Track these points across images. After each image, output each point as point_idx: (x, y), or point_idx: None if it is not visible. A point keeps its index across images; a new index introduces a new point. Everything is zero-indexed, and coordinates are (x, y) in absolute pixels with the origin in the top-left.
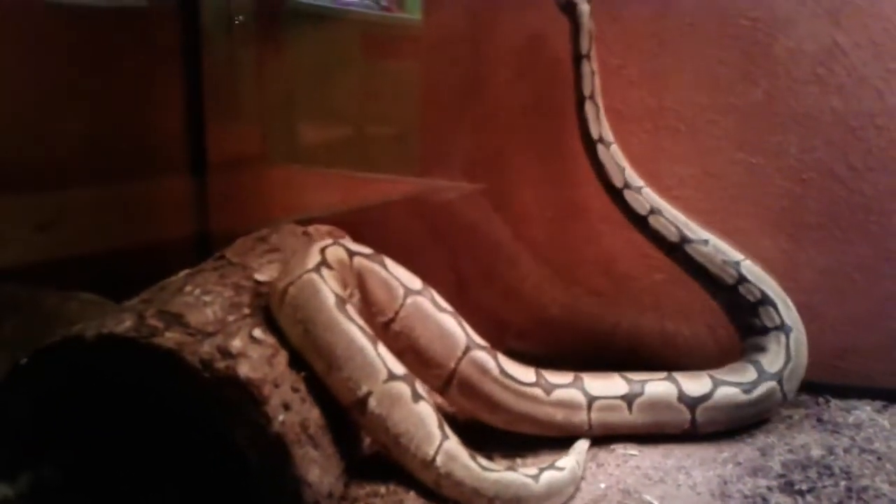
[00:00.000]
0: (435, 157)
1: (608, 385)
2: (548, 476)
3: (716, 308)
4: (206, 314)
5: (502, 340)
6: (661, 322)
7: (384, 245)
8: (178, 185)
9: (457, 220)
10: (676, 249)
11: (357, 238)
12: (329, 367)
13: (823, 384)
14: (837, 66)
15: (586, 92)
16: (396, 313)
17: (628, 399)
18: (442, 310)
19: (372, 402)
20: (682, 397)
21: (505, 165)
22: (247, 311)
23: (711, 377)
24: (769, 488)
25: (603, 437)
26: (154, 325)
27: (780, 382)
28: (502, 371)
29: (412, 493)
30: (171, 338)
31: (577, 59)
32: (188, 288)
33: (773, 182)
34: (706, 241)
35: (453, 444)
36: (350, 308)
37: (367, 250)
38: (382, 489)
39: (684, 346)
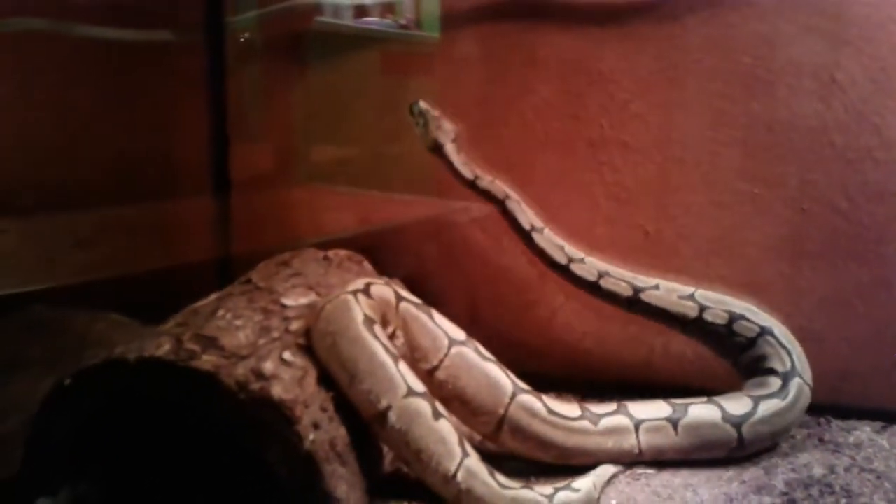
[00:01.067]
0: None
1: (652, 409)
2: (562, 496)
3: None
4: (239, 338)
5: (517, 362)
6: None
7: (399, 266)
8: (200, 206)
9: (471, 241)
10: (634, 302)
11: (373, 259)
12: (351, 379)
13: (825, 405)
14: (836, 102)
15: (501, 196)
16: (441, 362)
17: (673, 421)
18: (486, 359)
19: (392, 417)
20: (726, 417)
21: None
22: (276, 334)
23: (749, 396)
24: None
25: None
26: (192, 349)
27: (800, 375)
28: (550, 410)
29: None
30: (208, 361)
31: (471, 185)
32: (220, 312)
33: (774, 211)
34: (657, 286)
35: (474, 461)
36: (378, 329)
37: (416, 299)
38: None
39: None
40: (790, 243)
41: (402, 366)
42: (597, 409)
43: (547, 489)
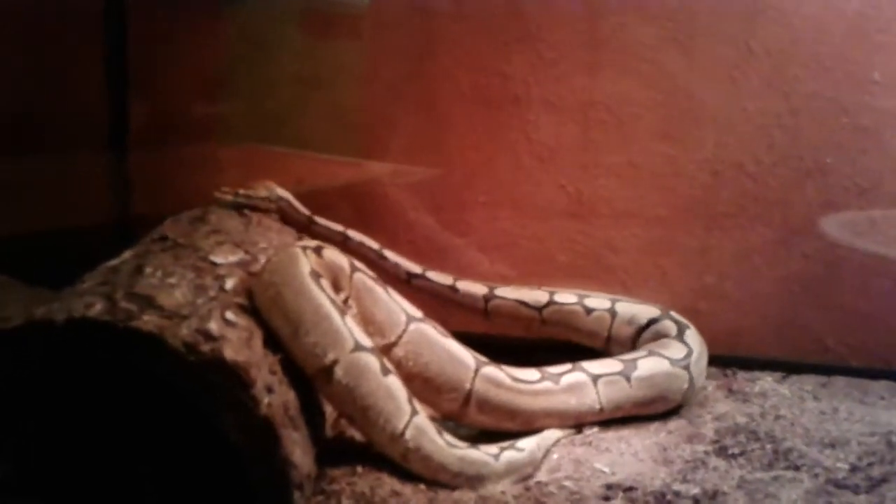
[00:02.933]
0: (378, 139)
1: (604, 365)
2: (507, 455)
3: None
4: (176, 297)
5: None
6: None
7: None
8: (90, 163)
9: (393, 204)
10: (490, 299)
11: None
12: (295, 331)
13: (730, 357)
14: (750, 70)
15: (375, 246)
16: (399, 338)
17: (625, 375)
18: (445, 335)
19: (338, 372)
20: (674, 362)
21: (444, 150)
22: (212, 293)
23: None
24: (706, 453)
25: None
26: (128, 308)
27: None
28: (513, 378)
29: (386, 472)
30: (149, 321)
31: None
32: (148, 270)
33: (689, 173)
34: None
35: (422, 419)
36: (325, 283)
37: (370, 272)
38: (359, 468)
39: None
40: (703, 205)
41: (349, 320)
42: (553, 369)
43: (492, 448)
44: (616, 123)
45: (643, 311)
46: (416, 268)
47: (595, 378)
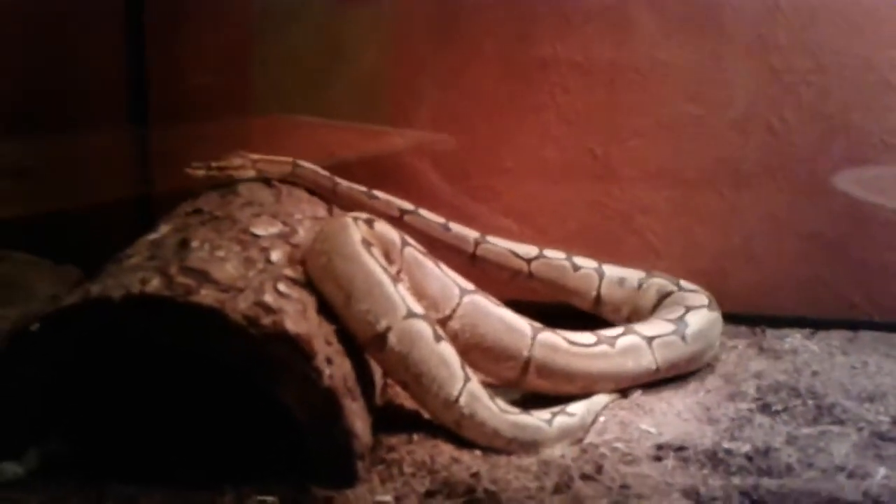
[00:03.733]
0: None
1: (655, 327)
2: (560, 420)
3: None
4: (228, 270)
5: None
6: None
7: None
8: (116, 138)
9: (419, 172)
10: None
11: None
12: (348, 299)
13: (758, 316)
14: (777, 27)
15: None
16: (454, 311)
17: (680, 333)
18: (499, 304)
19: (392, 339)
20: (710, 308)
21: (470, 116)
22: (260, 266)
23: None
24: (750, 410)
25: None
26: (185, 283)
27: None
28: (570, 342)
29: (440, 439)
30: (207, 295)
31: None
32: (195, 243)
33: (716, 134)
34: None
35: (475, 385)
36: (376, 252)
37: (420, 247)
38: (414, 436)
39: None
40: (730, 165)
41: (401, 287)
42: (607, 332)
43: (544, 414)
44: (644, 85)
45: (630, 273)
46: (408, 205)
47: (650, 340)
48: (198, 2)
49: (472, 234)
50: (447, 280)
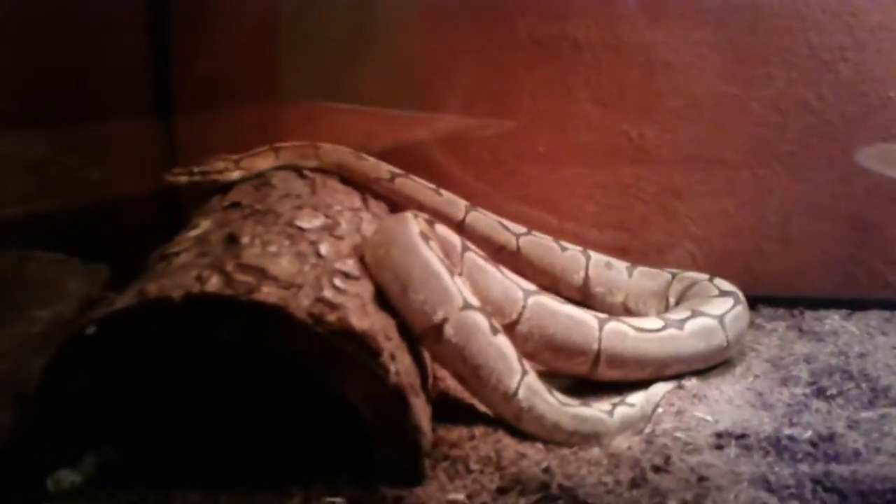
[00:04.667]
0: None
1: (720, 304)
2: (621, 411)
3: None
4: (284, 266)
5: None
6: None
7: None
8: (140, 128)
9: (448, 157)
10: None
11: None
12: (405, 289)
13: (795, 297)
14: (815, 3)
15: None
16: (520, 315)
17: (739, 301)
18: (562, 301)
19: (448, 330)
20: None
21: (502, 99)
22: (312, 260)
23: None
24: (805, 395)
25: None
26: (246, 281)
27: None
28: (637, 328)
29: (502, 434)
30: (270, 293)
31: None
32: (245, 239)
33: (753, 112)
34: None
35: (533, 378)
36: (434, 245)
37: (481, 251)
38: (475, 431)
39: None
40: (767, 144)
41: (458, 280)
42: (674, 315)
43: (604, 405)
44: (680, 65)
45: (615, 259)
46: (397, 169)
47: (721, 317)
48: None
49: (462, 201)
50: (509, 283)
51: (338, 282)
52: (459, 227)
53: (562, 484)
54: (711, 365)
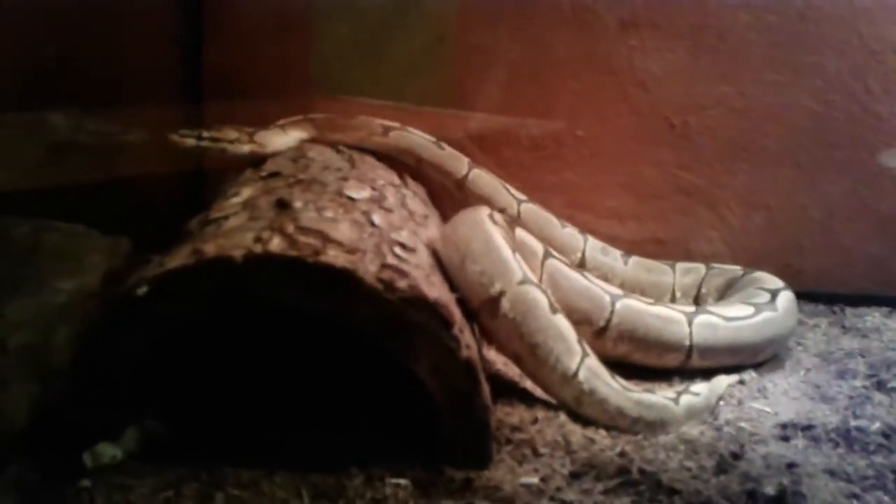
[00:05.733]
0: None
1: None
2: (686, 399)
3: None
4: (344, 231)
5: None
6: None
7: None
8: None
9: (486, 141)
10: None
11: None
12: (463, 260)
13: (835, 294)
14: None
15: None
16: (608, 321)
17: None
18: (649, 302)
19: (505, 304)
20: None
21: (542, 80)
22: (369, 229)
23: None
24: (865, 388)
25: None
26: (310, 243)
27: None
28: (726, 318)
29: (563, 417)
30: (337, 256)
31: None
32: (298, 204)
33: (799, 103)
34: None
35: (594, 361)
36: (503, 230)
37: (563, 258)
38: (538, 414)
39: None
40: (812, 136)
41: (520, 257)
42: (758, 300)
43: (669, 392)
44: (727, 50)
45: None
46: (394, 123)
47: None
48: None
49: (466, 158)
50: (595, 289)
51: (398, 250)
52: (461, 183)
53: (643, 468)
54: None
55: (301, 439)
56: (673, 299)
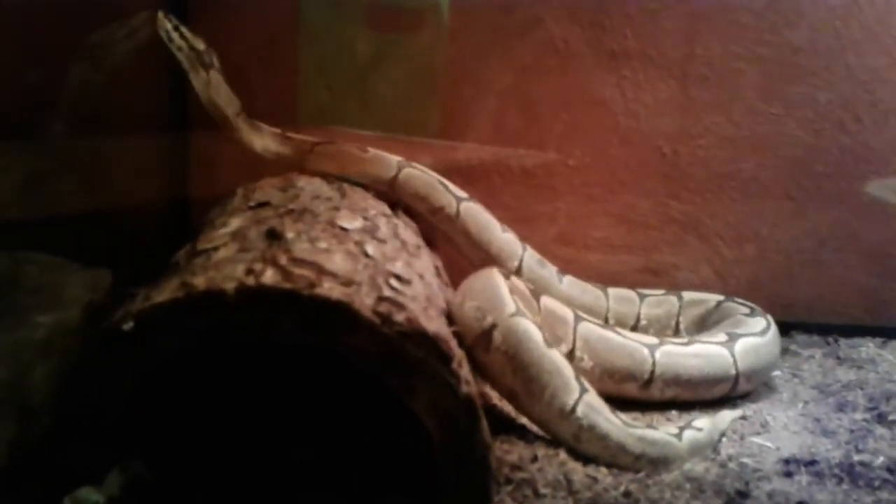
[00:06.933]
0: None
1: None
2: (689, 435)
3: None
4: (340, 263)
5: None
6: None
7: None
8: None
9: (476, 170)
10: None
11: None
12: (464, 298)
13: (827, 324)
14: (853, 22)
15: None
16: (652, 374)
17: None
18: (688, 343)
19: (497, 337)
20: None
21: (532, 110)
22: (364, 260)
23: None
24: (866, 420)
25: None
26: (305, 275)
27: None
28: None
29: (563, 454)
30: (333, 288)
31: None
32: (290, 235)
33: (790, 133)
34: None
35: (594, 396)
36: (517, 298)
37: (597, 321)
38: (537, 452)
39: None
40: (802, 166)
41: (518, 299)
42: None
43: (672, 428)
44: (717, 80)
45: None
46: (319, 139)
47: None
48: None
49: (395, 158)
50: (633, 344)
51: (394, 282)
52: (391, 185)
53: None
54: None
55: (294, 481)
56: (635, 328)
